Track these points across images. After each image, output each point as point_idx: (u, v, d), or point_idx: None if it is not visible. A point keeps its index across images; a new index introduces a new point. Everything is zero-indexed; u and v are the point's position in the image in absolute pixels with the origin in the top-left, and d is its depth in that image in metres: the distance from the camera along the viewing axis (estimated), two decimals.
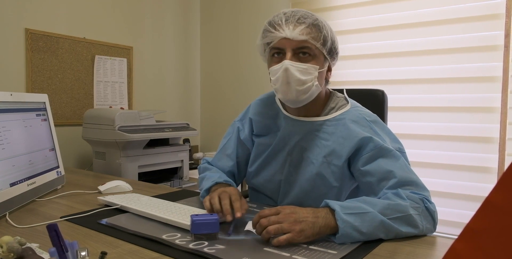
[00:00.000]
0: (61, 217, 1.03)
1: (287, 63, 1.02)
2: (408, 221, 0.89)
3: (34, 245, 0.81)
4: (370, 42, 2.25)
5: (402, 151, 1.08)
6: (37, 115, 1.33)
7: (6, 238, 0.62)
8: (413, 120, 2.14)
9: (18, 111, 1.21)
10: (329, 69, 1.12)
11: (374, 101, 1.45)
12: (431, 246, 0.87)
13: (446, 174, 2.05)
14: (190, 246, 0.82)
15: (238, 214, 0.92)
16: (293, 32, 1.01)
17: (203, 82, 3.05)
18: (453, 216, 2.00)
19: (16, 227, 0.96)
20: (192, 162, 2.59)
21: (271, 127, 1.22)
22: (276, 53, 1.07)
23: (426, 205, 0.94)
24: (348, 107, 1.14)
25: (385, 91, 1.49)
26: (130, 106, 2.52)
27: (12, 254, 0.60)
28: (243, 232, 0.92)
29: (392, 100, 2.14)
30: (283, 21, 1.04)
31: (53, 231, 0.49)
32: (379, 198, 0.99)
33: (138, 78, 2.58)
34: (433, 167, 2.08)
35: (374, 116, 1.13)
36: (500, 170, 1.90)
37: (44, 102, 1.40)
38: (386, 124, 1.43)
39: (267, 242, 0.84)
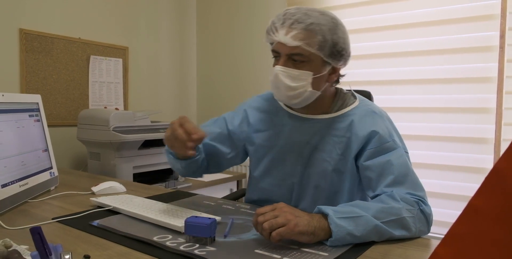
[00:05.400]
0: (52, 219, 1.02)
1: (278, 69, 1.02)
2: (401, 224, 0.89)
3: (23, 247, 0.81)
4: (365, 43, 2.25)
5: (405, 151, 1.08)
6: (30, 115, 1.33)
7: None
8: (408, 120, 2.14)
9: (10, 112, 1.21)
10: (334, 71, 1.07)
11: None
12: (424, 248, 0.87)
13: (441, 175, 2.05)
14: (181, 248, 0.82)
15: (195, 136, 0.93)
16: (286, 38, 0.99)
17: (200, 82, 3.04)
18: (448, 217, 2.00)
19: (7, 228, 0.95)
20: None
21: (269, 123, 1.18)
22: (275, 56, 1.06)
23: (421, 207, 0.93)
24: (357, 103, 1.13)
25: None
26: (125, 106, 2.51)
27: None
28: (239, 233, 0.92)
29: (387, 101, 2.15)
30: (279, 23, 1.01)
31: (37, 234, 0.48)
32: (376, 195, 0.99)
33: (134, 78, 2.57)
34: (428, 168, 2.07)
35: (384, 112, 1.13)
36: None
37: (37, 103, 1.40)
38: None
39: (269, 240, 0.82)
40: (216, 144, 1.21)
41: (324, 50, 1.00)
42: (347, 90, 1.19)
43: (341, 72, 1.12)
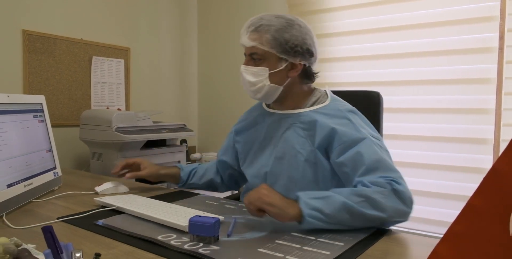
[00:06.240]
0: (57, 218, 1.04)
1: (242, 68, 1.17)
2: (373, 205, 0.92)
3: (30, 246, 0.82)
4: (365, 44, 2.26)
5: (378, 139, 1.11)
6: (34, 116, 1.34)
7: (2, 240, 0.63)
8: (408, 121, 2.15)
9: (15, 113, 1.22)
10: (293, 67, 1.15)
11: (370, 102, 1.46)
12: (425, 246, 0.88)
13: (441, 175, 2.06)
14: (185, 247, 0.83)
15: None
16: (244, 39, 1.14)
17: (201, 82, 3.06)
18: (447, 216, 2.01)
19: (13, 228, 0.97)
20: (190, 162, 2.59)
21: (251, 124, 1.31)
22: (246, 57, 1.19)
23: (394, 187, 0.96)
24: (327, 102, 1.19)
25: (381, 93, 1.50)
26: (127, 107, 2.53)
27: (8, 255, 0.60)
28: (242, 233, 0.93)
29: (388, 102, 2.16)
30: (243, 28, 1.16)
31: (48, 233, 0.49)
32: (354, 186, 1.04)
33: (135, 79, 2.59)
34: (428, 168, 2.09)
35: (351, 108, 1.18)
36: None
37: (41, 104, 1.41)
38: (382, 125, 1.45)
39: (259, 217, 0.95)
40: (226, 160, 1.39)
41: (276, 47, 1.11)
42: (322, 90, 1.25)
43: (315, 70, 1.20)
